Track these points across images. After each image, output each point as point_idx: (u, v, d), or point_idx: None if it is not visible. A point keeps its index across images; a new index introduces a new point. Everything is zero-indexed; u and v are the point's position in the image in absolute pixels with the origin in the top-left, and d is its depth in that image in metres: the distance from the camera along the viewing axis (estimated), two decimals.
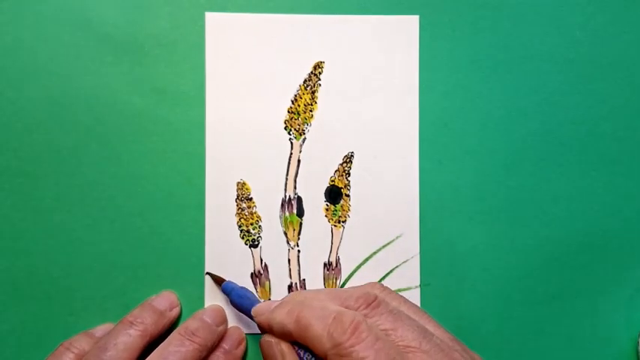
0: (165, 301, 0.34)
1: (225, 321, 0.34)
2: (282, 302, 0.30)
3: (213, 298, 0.35)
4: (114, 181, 0.35)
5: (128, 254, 0.35)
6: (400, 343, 0.27)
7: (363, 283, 0.35)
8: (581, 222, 0.36)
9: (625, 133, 0.36)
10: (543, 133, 0.36)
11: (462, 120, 0.36)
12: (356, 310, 0.28)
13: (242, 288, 0.34)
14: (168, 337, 0.32)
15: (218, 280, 0.35)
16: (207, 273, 0.35)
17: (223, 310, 0.35)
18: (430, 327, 0.29)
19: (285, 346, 0.29)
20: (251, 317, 0.32)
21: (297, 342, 0.29)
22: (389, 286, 0.33)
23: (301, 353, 0.29)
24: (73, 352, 0.31)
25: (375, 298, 0.29)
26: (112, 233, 0.35)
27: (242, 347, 0.34)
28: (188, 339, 0.31)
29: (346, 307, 0.28)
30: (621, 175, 0.36)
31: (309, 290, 0.35)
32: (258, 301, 0.33)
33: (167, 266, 0.35)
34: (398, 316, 0.28)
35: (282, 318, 0.29)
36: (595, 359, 0.36)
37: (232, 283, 0.34)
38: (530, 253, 0.36)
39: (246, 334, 0.35)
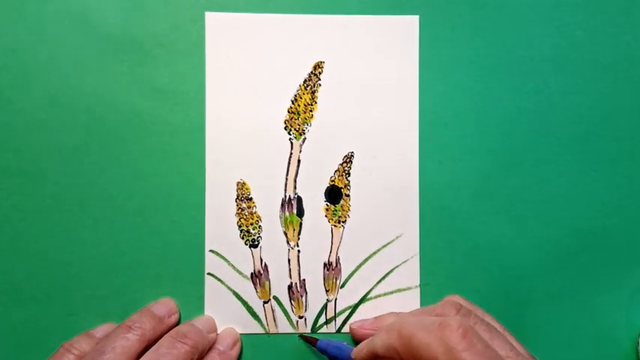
0: (164, 307, 0.34)
1: (215, 330, 0.35)
2: (377, 332, 0.30)
3: (213, 298, 0.35)
4: (114, 181, 0.35)
5: (128, 254, 0.35)
6: (500, 353, 0.27)
7: (364, 284, 0.36)
8: (581, 222, 0.36)
9: (625, 133, 0.36)
10: (543, 133, 0.36)
11: (462, 120, 0.36)
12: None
13: (335, 341, 0.34)
14: (160, 340, 0.32)
15: (311, 342, 0.35)
16: (300, 336, 0.35)
17: (213, 319, 0.35)
18: (511, 339, 0.29)
19: None
20: None
21: None
22: (389, 287, 0.33)
23: None
24: (73, 354, 0.31)
25: (460, 306, 0.29)
26: (112, 233, 0.35)
27: (237, 348, 0.34)
28: (179, 341, 0.31)
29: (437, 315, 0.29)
30: (621, 175, 0.36)
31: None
32: (352, 347, 0.33)
33: (167, 266, 0.35)
34: (491, 327, 0.29)
35: (384, 339, 0.29)
36: (595, 359, 0.36)
37: (325, 340, 0.34)
38: (530, 253, 0.36)
39: (240, 334, 0.35)
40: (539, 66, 0.36)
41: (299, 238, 0.36)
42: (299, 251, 0.36)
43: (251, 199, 0.36)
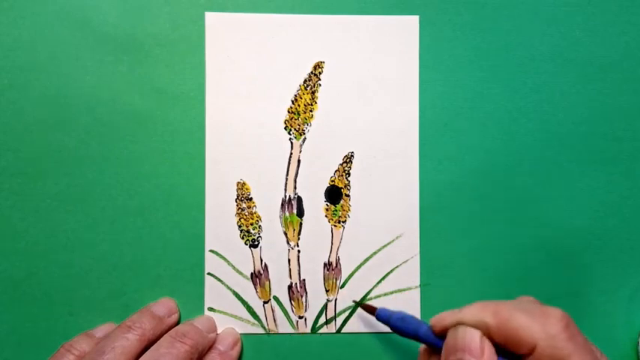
0: (164, 307, 0.34)
1: (215, 330, 0.35)
2: (464, 307, 0.29)
3: (213, 298, 0.35)
4: (114, 181, 0.35)
5: (128, 254, 0.35)
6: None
7: (364, 284, 0.36)
8: (581, 222, 0.36)
9: (624, 133, 0.36)
10: (543, 133, 0.36)
11: (462, 120, 0.36)
12: None
13: (397, 311, 0.32)
14: (159, 340, 0.32)
15: (370, 310, 0.33)
16: (354, 301, 0.34)
17: (213, 319, 0.35)
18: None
19: (488, 345, 0.27)
20: (415, 338, 0.30)
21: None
22: (389, 287, 0.33)
23: None
24: (73, 354, 0.31)
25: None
26: (112, 233, 0.35)
27: (237, 348, 0.34)
28: (179, 341, 0.32)
29: None
30: (621, 175, 0.36)
31: None
32: (422, 320, 0.31)
33: (167, 266, 0.35)
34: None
35: (475, 313, 0.28)
36: None
37: (385, 309, 0.33)
38: (530, 253, 0.36)
39: (240, 334, 0.35)
40: (539, 66, 0.36)
41: (299, 238, 0.36)
42: (299, 251, 0.36)
43: (251, 199, 0.36)
